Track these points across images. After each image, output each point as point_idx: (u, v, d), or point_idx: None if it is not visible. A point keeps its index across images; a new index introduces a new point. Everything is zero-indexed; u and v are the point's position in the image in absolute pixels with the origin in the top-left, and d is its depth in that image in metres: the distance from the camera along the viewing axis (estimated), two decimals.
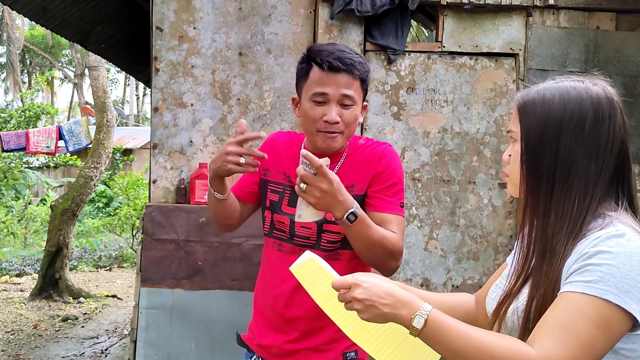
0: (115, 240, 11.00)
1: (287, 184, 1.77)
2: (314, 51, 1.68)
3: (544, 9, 3.51)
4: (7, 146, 7.63)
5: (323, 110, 1.65)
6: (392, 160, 1.74)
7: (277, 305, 1.77)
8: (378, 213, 1.68)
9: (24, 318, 6.24)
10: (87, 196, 7.27)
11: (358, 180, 1.73)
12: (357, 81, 1.66)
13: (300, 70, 1.72)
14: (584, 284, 1.03)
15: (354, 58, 1.65)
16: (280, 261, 1.76)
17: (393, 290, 1.12)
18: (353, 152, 1.76)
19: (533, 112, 1.16)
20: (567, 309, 1.02)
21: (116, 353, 5.22)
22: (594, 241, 1.06)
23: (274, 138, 1.88)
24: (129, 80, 27.74)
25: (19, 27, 21.73)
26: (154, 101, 3.46)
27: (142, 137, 16.52)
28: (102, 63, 7.57)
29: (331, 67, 1.62)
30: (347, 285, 1.14)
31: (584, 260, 1.05)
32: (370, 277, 1.14)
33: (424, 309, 1.08)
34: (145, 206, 3.41)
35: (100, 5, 4.78)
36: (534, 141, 1.15)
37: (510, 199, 3.53)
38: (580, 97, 1.13)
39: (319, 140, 1.68)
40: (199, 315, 3.34)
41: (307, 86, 1.68)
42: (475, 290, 1.50)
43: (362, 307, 1.11)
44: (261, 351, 1.80)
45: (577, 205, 1.10)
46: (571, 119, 1.12)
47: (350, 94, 1.65)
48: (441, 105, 3.51)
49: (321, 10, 3.43)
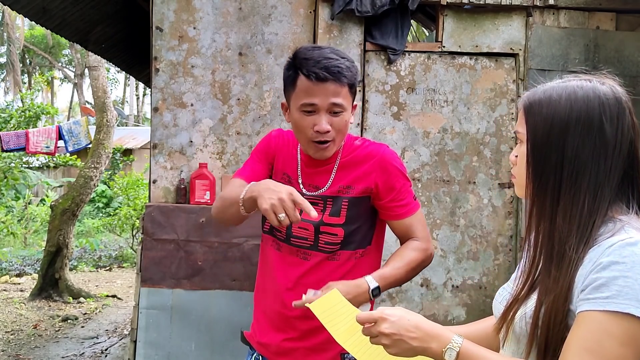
0: (115, 240, 11.00)
1: (287, 184, 1.76)
2: (299, 59, 1.64)
3: (544, 9, 3.51)
4: (7, 146, 7.63)
5: (313, 119, 1.64)
6: (394, 163, 1.75)
7: (276, 304, 1.77)
8: (400, 221, 1.75)
9: (24, 318, 6.24)
10: (87, 196, 7.27)
11: (355, 182, 1.73)
12: (345, 87, 1.64)
13: (288, 77, 1.69)
14: (603, 301, 1.00)
15: (341, 65, 1.62)
16: (280, 261, 1.77)
17: (421, 323, 1.10)
18: (349, 154, 1.76)
19: (539, 113, 1.13)
20: (591, 330, 1.00)
21: (116, 353, 5.22)
22: (607, 250, 1.03)
23: (277, 136, 1.87)
24: (129, 80, 27.74)
25: (19, 27, 21.74)
26: (154, 101, 3.46)
27: (142, 137, 16.52)
28: (102, 63, 7.57)
29: (318, 78, 1.60)
30: (373, 319, 1.11)
31: (598, 272, 1.02)
32: (397, 310, 1.12)
33: (455, 342, 1.06)
34: (145, 206, 3.41)
35: (100, 5, 4.78)
36: (540, 143, 1.12)
37: (510, 199, 3.53)
38: (587, 97, 1.10)
39: (311, 150, 1.70)
40: (199, 315, 3.34)
41: (295, 95, 1.66)
42: (475, 291, 1.50)
43: (390, 341, 1.09)
44: (261, 349, 1.81)
45: (586, 209, 1.07)
46: (578, 120, 1.09)
47: (339, 102, 1.63)
48: (441, 105, 3.51)
49: (321, 10, 3.43)
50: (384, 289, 1.66)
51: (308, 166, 1.78)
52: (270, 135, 1.88)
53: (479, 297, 3.51)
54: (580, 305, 1.03)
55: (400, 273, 1.69)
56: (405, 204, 1.75)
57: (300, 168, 1.79)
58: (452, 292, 3.51)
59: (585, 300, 1.02)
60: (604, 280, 1.00)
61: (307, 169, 1.78)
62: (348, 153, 1.77)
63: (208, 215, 3.37)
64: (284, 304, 1.74)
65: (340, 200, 1.72)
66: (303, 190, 1.75)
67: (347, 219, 1.72)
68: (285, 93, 1.73)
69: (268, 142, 1.85)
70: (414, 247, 1.74)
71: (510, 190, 3.54)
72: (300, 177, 1.78)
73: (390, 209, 1.75)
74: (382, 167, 1.73)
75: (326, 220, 1.70)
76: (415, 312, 1.15)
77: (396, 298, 3.49)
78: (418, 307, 3.48)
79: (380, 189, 1.73)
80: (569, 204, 1.08)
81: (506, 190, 3.54)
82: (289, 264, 1.75)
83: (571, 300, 1.05)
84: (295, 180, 1.78)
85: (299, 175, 1.78)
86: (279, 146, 1.84)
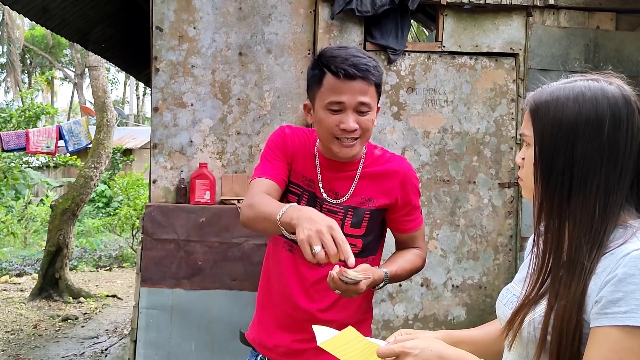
0: (115, 240, 11.00)
1: (307, 188, 1.74)
2: (326, 57, 1.61)
3: (544, 8, 3.51)
4: (7, 146, 7.62)
5: (339, 118, 1.60)
6: (414, 181, 1.78)
7: (287, 306, 1.75)
8: (405, 234, 1.80)
9: (24, 318, 6.24)
10: (87, 196, 7.27)
11: (377, 195, 1.73)
12: (372, 87, 1.61)
13: (313, 76, 1.65)
14: (622, 316, 0.97)
15: (369, 63, 1.60)
16: (293, 263, 1.74)
17: (444, 351, 1.07)
18: (370, 164, 1.75)
19: (546, 115, 1.09)
20: (611, 348, 0.97)
21: (116, 353, 5.22)
22: (622, 259, 1.00)
23: (292, 134, 1.78)
24: (129, 80, 27.74)
25: (19, 27, 21.74)
26: (154, 101, 3.46)
27: (142, 137, 16.52)
28: (102, 63, 7.57)
29: (347, 75, 1.56)
30: (394, 354, 1.08)
31: (614, 285, 0.99)
32: (418, 342, 1.09)
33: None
34: (145, 206, 3.41)
35: (100, 5, 4.78)
36: (548, 146, 1.09)
37: (511, 199, 3.53)
38: (595, 98, 1.07)
39: (336, 148, 1.65)
40: (199, 315, 3.34)
41: (321, 94, 1.61)
42: (475, 291, 1.49)
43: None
44: (266, 351, 1.78)
45: (597, 213, 1.04)
46: (587, 121, 1.05)
47: (367, 101, 1.60)
48: (441, 105, 3.51)
49: (321, 10, 3.43)
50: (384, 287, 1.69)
51: (327, 170, 1.73)
52: (283, 132, 1.78)
53: (479, 297, 3.51)
54: (596, 319, 1.00)
55: (403, 275, 1.74)
56: (414, 219, 1.79)
57: (319, 171, 1.74)
58: (452, 292, 3.50)
59: (603, 315, 0.99)
60: (622, 295, 0.98)
61: (327, 173, 1.73)
62: (370, 163, 1.75)
63: (208, 215, 3.37)
64: (297, 307, 1.72)
65: (361, 212, 1.72)
66: (324, 195, 1.72)
67: (367, 231, 1.73)
68: (310, 93, 1.68)
69: (284, 140, 1.76)
70: (417, 254, 1.80)
71: (511, 190, 3.54)
72: (320, 181, 1.73)
73: (400, 223, 1.78)
74: (403, 184, 1.75)
75: (347, 232, 1.68)
76: (434, 339, 1.12)
77: (396, 298, 3.49)
78: (418, 307, 3.48)
79: (398, 204, 1.75)
80: (579, 208, 1.05)
81: (506, 190, 3.54)
82: (305, 268, 1.72)
83: (585, 310, 1.02)
84: (316, 185, 1.73)
85: (319, 179, 1.73)
86: (295, 145, 1.76)
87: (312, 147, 1.76)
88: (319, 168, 1.74)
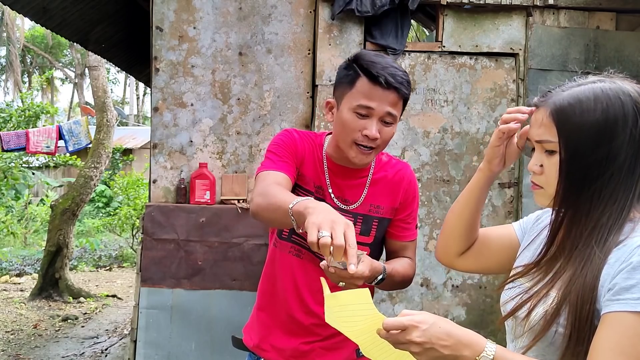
0: (115, 240, 11.00)
1: (317, 195, 1.70)
2: (365, 61, 1.60)
3: (544, 8, 3.51)
4: (7, 146, 7.62)
5: (364, 123, 1.59)
6: (415, 188, 1.78)
7: (294, 311, 1.73)
8: (398, 242, 1.76)
9: (24, 318, 6.25)
10: (87, 196, 7.28)
11: (384, 202, 1.73)
12: (401, 101, 1.61)
13: (346, 76, 1.63)
14: (634, 302, 0.99)
15: (405, 77, 1.60)
16: (302, 267, 1.72)
17: (453, 330, 1.07)
18: (379, 170, 1.75)
19: (572, 120, 1.10)
20: (623, 333, 0.98)
21: (116, 353, 5.22)
22: (636, 249, 1.03)
23: (301, 138, 1.75)
24: (129, 80, 27.74)
25: (19, 27, 21.74)
26: (154, 101, 3.46)
27: (142, 137, 16.51)
28: (102, 63, 7.57)
29: (386, 82, 1.56)
30: (402, 326, 1.06)
31: (628, 273, 1.01)
32: (427, 316, 1.08)
33: (489, 349, 1.04)
34: (145, 206, 3.41)
35: (100, 5, 4.78)
36: (579, 151, 1.09)
37: (511, 199, 3.53)
38: (618, 98, 1.09)
39: (353, 152, 1.62)
40: (199, 315, 3.34)
41: (351, 95, 1.60)
42: (475, 291, 1.49)
43: (421, 349, 1.06)
44: (269, 354, 1.76)
45: (621, 209, 1.08)
46: (615, 122, 1.08)
47: (394, 113, 1.60)
48: (441, 105, 3.51)
49: (321, 10, 3.43)
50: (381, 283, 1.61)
51: (337, 176, 1.72)
52: (292, 135, 1.74)
53: (479, 297, 3.51)
54: (608, 305, 1.02)
55: (397, 278, 1.67)
56: (410, 227, 1.78)
57: (328, 177, 1.72)
58: (452, 292, 3.50)
59: (615, 301, 1.01)
60: (635, 282, 0.99)
61: (336, 179, 1.72)
62: (379, 169, 1.75)
63: (208, 215, 3.37)
64: (307, 310, 1.71)
65: (370, 219, 1.72)
66: (335, 202, 1.70)
67: (375, 238, 1.73)
68: (337, 91, 1.66)
69: (294, 143, 1.72)
70: (409, 263, 1.75)
71: (511, 190, 3.54)
72: (330, 187, 1.72)
73: (397, 229, 1.76)
74: (407, 190, 1.75)
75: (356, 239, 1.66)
76: (444, 318, 1.11)
77: (396, 298, 3.49)
78: (418, 307, 3.48)
79: (398, 208, 1.75)
80: (609, 207, 1.08)
81: (506, 190, 3.54)
82: (314, 272, 1.69)
83: (597, 299, 1.04)
84: (326, 191, 1.71)
85: (328, 185, 1.71)
86: (305, 149, 1.73)
87: (320, 152, 1.74)
88: (327, 174, 1.72)
